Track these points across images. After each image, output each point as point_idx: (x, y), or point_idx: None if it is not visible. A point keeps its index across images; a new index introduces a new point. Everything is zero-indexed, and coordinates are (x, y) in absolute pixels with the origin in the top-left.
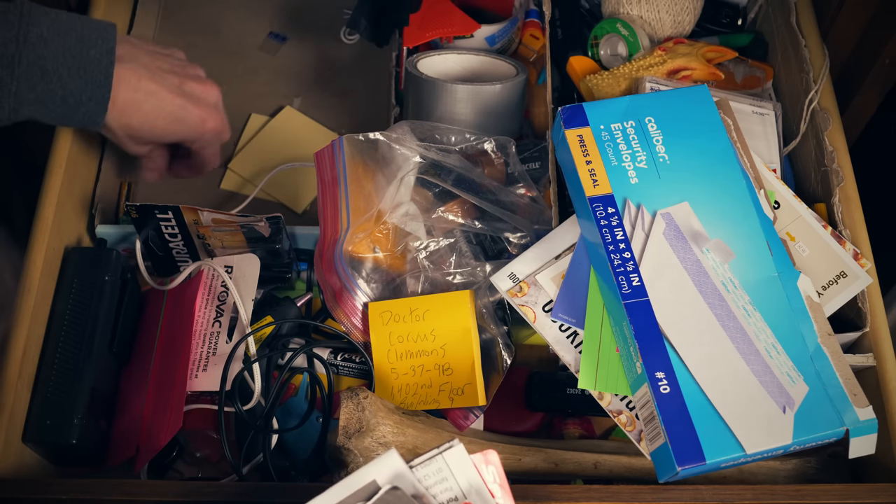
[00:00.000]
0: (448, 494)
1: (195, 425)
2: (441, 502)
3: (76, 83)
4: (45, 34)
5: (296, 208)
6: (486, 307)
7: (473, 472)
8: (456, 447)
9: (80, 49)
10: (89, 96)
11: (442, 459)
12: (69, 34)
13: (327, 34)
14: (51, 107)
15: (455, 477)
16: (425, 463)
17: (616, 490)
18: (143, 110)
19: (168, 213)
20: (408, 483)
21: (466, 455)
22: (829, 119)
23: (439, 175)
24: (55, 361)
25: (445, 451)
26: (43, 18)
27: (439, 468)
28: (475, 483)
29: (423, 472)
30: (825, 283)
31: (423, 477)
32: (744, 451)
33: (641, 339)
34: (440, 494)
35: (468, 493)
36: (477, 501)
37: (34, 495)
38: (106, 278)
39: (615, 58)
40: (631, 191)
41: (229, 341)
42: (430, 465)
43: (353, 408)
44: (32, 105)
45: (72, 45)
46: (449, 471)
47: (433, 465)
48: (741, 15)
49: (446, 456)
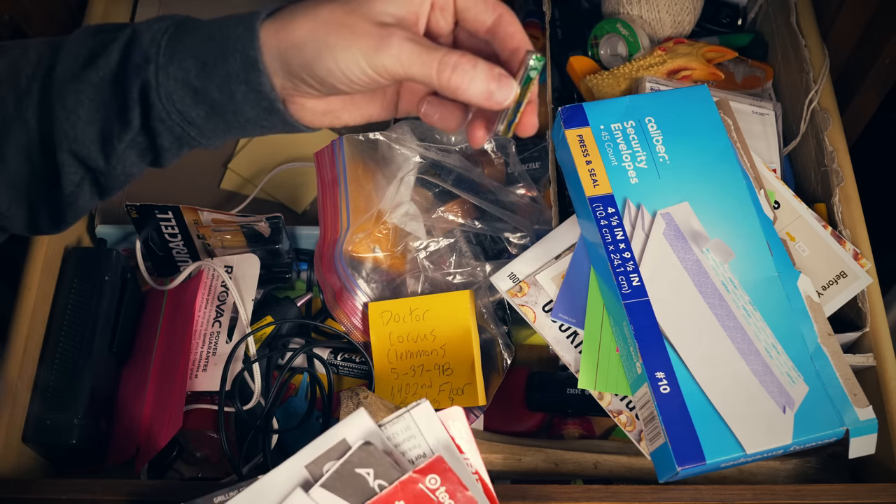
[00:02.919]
0: (417, 451)
1: (195, 425)
2: (410, 459)
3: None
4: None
5: (296, 208)
6: (486, 307)
7: (441, 429)
8: (423, 405)
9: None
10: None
11: (410, 417)
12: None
13: None
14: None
15: (423, 434)
16: (393, 421)
17: (616, 490)
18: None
19: (168, 213)
20: (377, 441)
21: (433, 412)
22: (829, 119)
23: (439, 175)
24: (55, 361)
25: (413, 408)
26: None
27: (407, 426)
28: (443, 439)
29: (392, 430)
30: (825, 283)
31: (391, 435)
32: (744, 451)
33: (641, 339)
34: (409, 451)
35: (436, 450)
36: (445, 456)
37: (34, 495)
38: (106, 278)
39: (615, 58)
40: (631, 191)
41: (229, 341)
42: (398, 424)
43: (353, 408)
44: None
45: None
46: (417, 428)
47: (401, 423)
48: (741, 15)
49: (414, 413)
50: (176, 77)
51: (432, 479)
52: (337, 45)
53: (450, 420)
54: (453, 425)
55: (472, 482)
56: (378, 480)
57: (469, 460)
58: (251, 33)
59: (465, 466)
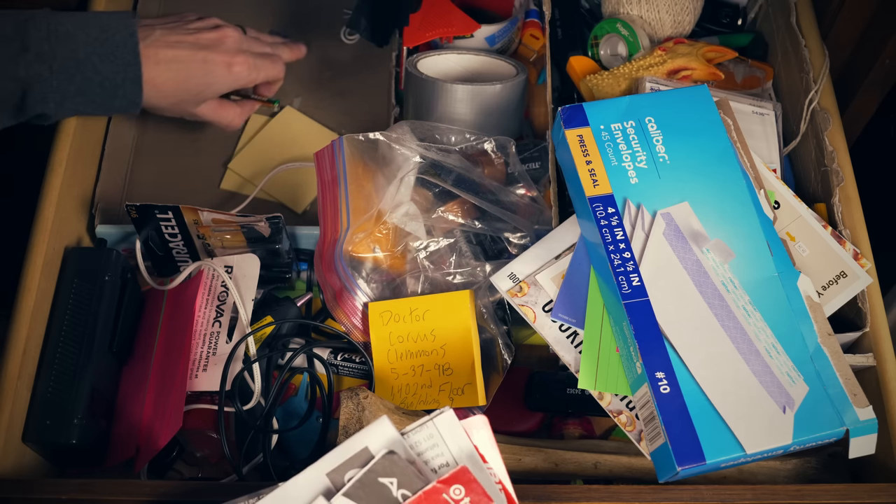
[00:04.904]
0: (440, 460)
1: (195, 425)
2: (433, 468)
3: (108, 67)
4: (71, 29)
5: (296, 208)
6: (486, 307)
7: (464, 438)
8: (446, 413)
9: (105, 36)
10: (123, 77)
11: (433, 425)
12: (92, 26)
13: (327, 34)
14: (91, 95)
15: (446, 443)
16: (416, 429)
17: (616, 490)
18: (173, 78)
19: (168, 213)
20: (400, 449)
21: (457, 421)
22: (829, 119)
23: (439, 175)
24: (55, 361)
25: (436, 416)
26: (66, 17)
27: (430, 434)
28: (466, 448)
29: (415, 438)
30: (825, 283)
31: (414, 443)
32: (744, 451)
33: (641, 339)
34: (432, 460)
35: (460, 459)
36: (469, 465)
37: (34, 495)
38: (106, 278)
39: (615, 58)
40: (631, 191)
41: (229, 341)
42: (422, 432)
43: (353, 408)
44: (75, 97)
45: (97, 35)
46: (440, 437)
47: (424, 432)
48: (741, 15)
49: (437, 422)
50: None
51: (456, 489)
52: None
53: (473, 428)
54: (476, 434)
55: (496, 492)
56: (402, 490)
57: (493, 469)
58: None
59: (488, 476)
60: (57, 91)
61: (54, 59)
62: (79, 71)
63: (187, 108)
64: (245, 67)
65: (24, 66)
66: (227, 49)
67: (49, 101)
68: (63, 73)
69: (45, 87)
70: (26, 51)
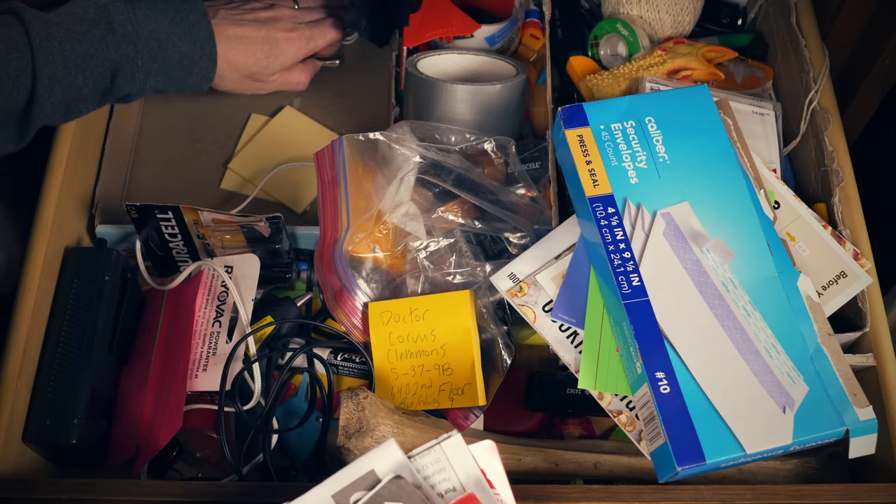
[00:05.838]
0: (447, 485)
1: (195, 425)
2: (440, 492)
3: (187, 45)
4: (149, 12)
5: (296, 208)
6: (486, 307)
7: (472, 463)
8: (454, 437)
9: (180, 16)
10: (200, 54)
11: (440, 450)
12: (167, 7)
13: None
14: (170, 72)
15: (453, 467)
16: (423, 453)
17: (616, 490)
18: (243, 53)
19: (168, 213)
20: (407, 473)
21: (465, 445)
22: (829, 119)
23: (439, 175)
24: (55, 361)
25: (443, 441)
26: (141, 1)
27: (437, 458)
28: (473, 474)
29: (422, 462)
30: (825, 283)
31: (421, 467)
32: (744, 451)
33: (641, 339)
34: (438, 485)
35: (467, 484)
36: (477, 492)
37: (34, 495)
38: (106, 278)
39: (615, 58)
40: (631, 191)
41: (229, 341)
42: (429, 456)
43: (353, 408)
44: (157, 76)
45: (173, 15)
46: (447, 461)
47: (431, 456)
48: (741, 15)
49: (444, 446)
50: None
51: None
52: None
53: (481, 453)
54: (484, 459)
55: None
56: None
57: (500, 496)
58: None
59: (495, 502)
60: (142, 70)
61: (138, 38)
62: (161, 49)
63: (252, 82)
64: (303, 40)
65: (114, 46)
66: (285, 25)
67: (136, 80)
68: (147, 53)
69: (132, 67)
70: (113, 32)
